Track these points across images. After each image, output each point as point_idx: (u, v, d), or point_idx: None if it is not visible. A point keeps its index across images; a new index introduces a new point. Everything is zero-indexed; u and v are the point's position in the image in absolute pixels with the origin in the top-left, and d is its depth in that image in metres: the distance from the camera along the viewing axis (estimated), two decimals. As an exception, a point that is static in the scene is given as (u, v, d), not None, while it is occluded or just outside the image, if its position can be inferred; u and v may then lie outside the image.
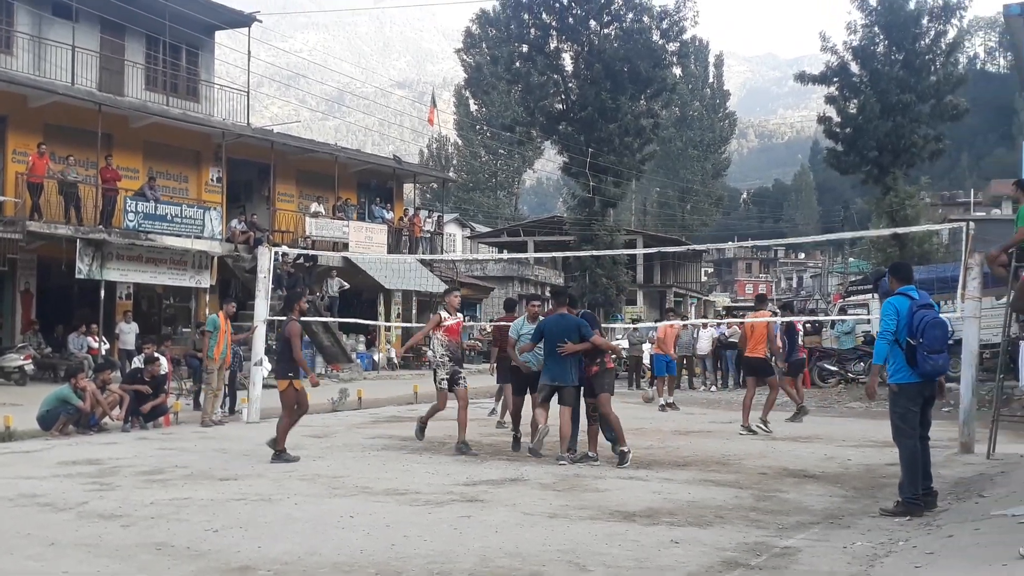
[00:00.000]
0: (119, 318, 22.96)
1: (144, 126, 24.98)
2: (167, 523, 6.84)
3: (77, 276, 21.53)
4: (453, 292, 11.94)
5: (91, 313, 21.93)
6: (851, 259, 74.55)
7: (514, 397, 11.43)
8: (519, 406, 11.29)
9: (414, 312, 30.94)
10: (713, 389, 23.28)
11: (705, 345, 23.80)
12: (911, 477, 7.33)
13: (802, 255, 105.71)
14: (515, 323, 11.54)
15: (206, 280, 24.78)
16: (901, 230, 29.68)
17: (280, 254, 22.37)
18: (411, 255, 30.52)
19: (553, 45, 44.47)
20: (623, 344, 26.25)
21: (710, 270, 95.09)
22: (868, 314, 26.40)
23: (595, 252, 34.05)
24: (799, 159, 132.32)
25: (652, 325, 23.93)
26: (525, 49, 44.52)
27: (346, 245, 28.16)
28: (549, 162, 67.35)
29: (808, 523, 7.06)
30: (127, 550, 6.03)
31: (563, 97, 45.15)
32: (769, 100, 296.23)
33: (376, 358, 28.81)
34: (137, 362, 15.66)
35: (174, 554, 5.93)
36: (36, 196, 21.45)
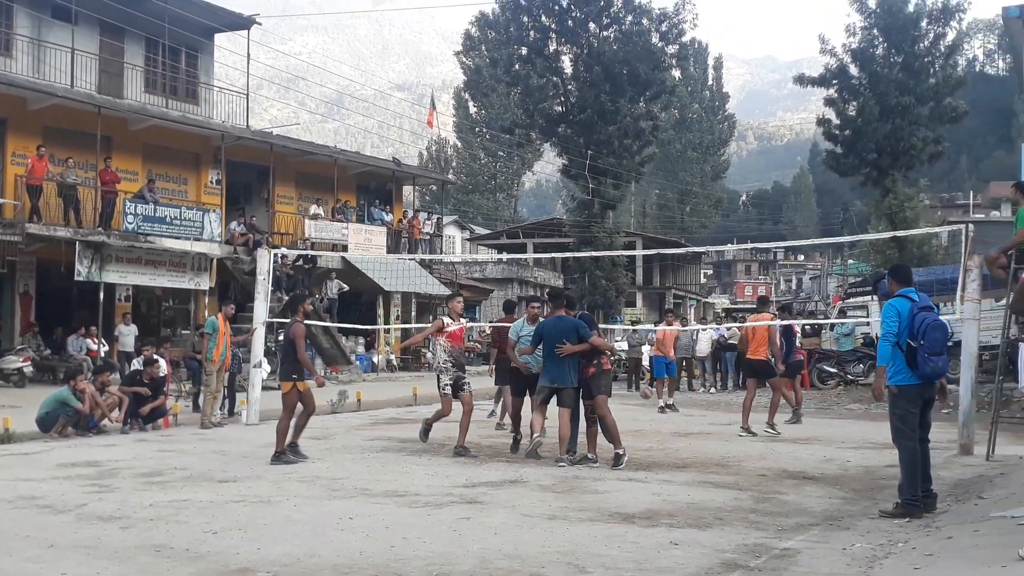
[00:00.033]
0: (118, 320, 22.95)
1: (143, 128, 24.99)
2: (166, 525, 6.83)
3: (76, 278, 21.52)
4: (456, 298, 11.91)
5: (90, 315, 21.91)
6: (850, 261, 74.60)
7: (513, 398, 11.43)
8: (519, 407, 11.28)
9: (413, 314, 30.94)
10: (712, 391, 23.28)
11: (704, 347, 23.79)
12: (910, 479, 7.33)
13: (801, 257, 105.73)
14: (515, 325, 11.55)
15: (205, 282, 24.77)
16: (900, 232, 29.69)
17: (279, 256, 22.39)
18: (410, 254, 30.53)
19: (552, 47, 44.48)
20: (622, 346, 26.26)
21: (709, 272, 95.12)
22: (868, 316, 26.42)
23: (594, 253, 34.08)
24: (798, 161, 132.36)
25: (651, 328, 23.93)
26: (524, 51, 44.53)
27: (345, 247, 28.16)
28: (548, 164, 67.39)
29: (807, 525, 7.06)
30: (126, 552, 6.03)
31: (562, 99, 45.17)
32: (768, 102, 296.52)
33: (375, 360, 28.80)
34: (136, 364, 15.66)
35: (173, 556, 5.93)
36: (35, 198, 21.44)
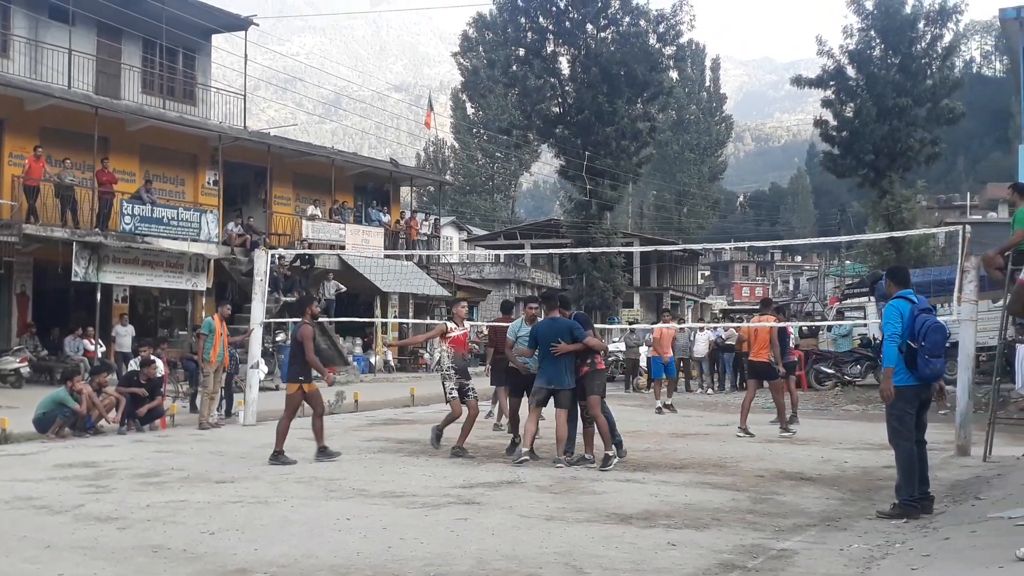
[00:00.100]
0: (115, 321, 22.92)
1: (140, 129, 24.97)
2: (163, 526, 6.83)
3: (73, 279, 21.51)
4: (460, 303, 11.91)
5: (87, 316, 21.90)
6: (847, 262, 74.66)
7: (511, 399, 11.44)
8: (516, 408, 11.28)
9: (411, 315, 30.95)
10: (710, 392, 23.29)
11: (702, 348, 23.79)
12: (907, 479, 7.34)
13: (798, 258, 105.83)
14: (513, 325, 11.56)
15: (202, 283, 24.75)
16: (898, 233, 29.77)
17: (276, 257, 22.37)
18: (407, 252, 30.54)
19: (550, 49, 44.51)
20: (619, 347, 26.27)
21: (707, 273, 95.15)
22: (865, 317, 26.46)
23: (591, 250, 34.04)
24: (795, 162, 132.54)
25: (649, 327, 23.94)
26: (522, 53, 44.54)
27: (343, 248, 28.16)
28: (546, 165, 67.46)
29: (805, 525, 7.06)
30: (123, 552, 6.02)
31: (560, 100, 45.19)
32: (765, 104, 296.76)
33: (372, 361, 28.80)
34: (133, 365, 15.64)
35: (170, 556, 5.92)
36: (32, 199, 21.42)
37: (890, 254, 39.19)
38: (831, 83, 40.03)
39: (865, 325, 25.47)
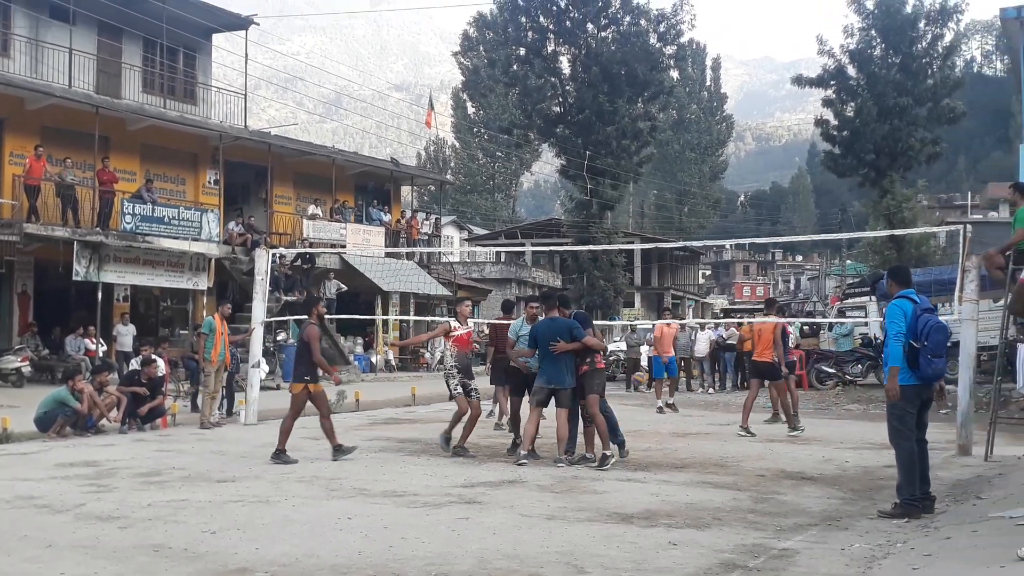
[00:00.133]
0: (116, 320, 22.94)
1: (141, 128, 24.97)
2: (165, 525, 6.83)
3: (74, 278, 21.51)
4: (464, 302, 11.89)
5: (88, 315, 21.90)
6: (848, 261, 74.66)
7: (512, 398, 11.42)
8: (517, 407, 11.27)
9: (411, 314, 30.94)
10: (711, 391, 23.28)
11: (703, 347, 23.79)
12: (908, 478, 7.34)
13: (799, 257, 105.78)
14: (514, 324, 11.56)
15: (203, 282, 24.76)
16: (899, 231, 29.76)
17: (277, 256, 22.37)
18: (408, 250, 30.52)
19: (550, 48, 44.53)
20: (620, 346, 26.25)
21: (708, 272, 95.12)
22: (866, 316, 26.46)
23: (592, 248, 34.07)
24: (796, 162, 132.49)
25: (650, 324, 23.93)
26: (522, 52, 44.56)
27: (343, 247, 28.16)
28: (547, 165, 67.44)
29: (806, 525, 7.05)
30: (125, 552, 6.02)
31: (560, 100, 45.19)
32: (766, 103, 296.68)
33: (374, 360, 28.80)
34: (134, 364, 15.64)
35: (172, 556, 5.92)
36: (33, 198, 21.42)
37: (891, 253, 39.20)
38: (832, 83, 40.02)
39: (866, 324, 25.47)
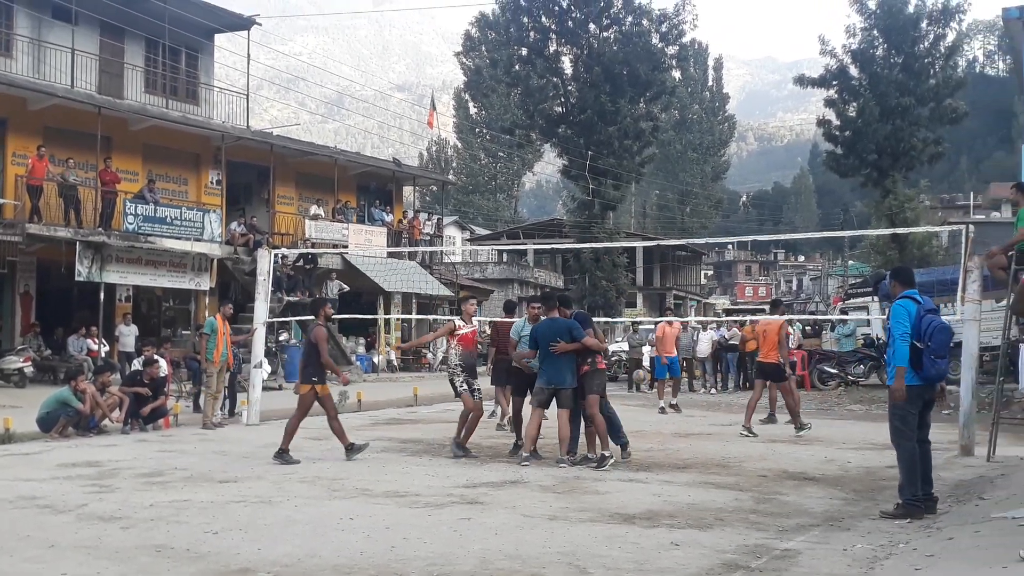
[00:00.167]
0: (119, 320, 22.95)
1: (143, 129, 24.98)
2: (167, 525, 6.83)
3: (77, 278, 21.52)
4: (469, 300, 11.83)
5: (91, 315, 21.91)
6: (851, 262, 74.59)
7: (514, 398, 11.41)
8: (519, 407, 11.26)
9: (413, 314, 30.96)
10: (713, 392, 23.27)
11: (705, 348, 23.78)
12: (910, 478, 7.33)
13: (801, 258, 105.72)
14: (516, 325, 11.55)
15: (206, 282, 24.77)
16: (901, 230, 29.73)
17: (280, 256, 22.38)
18: (410, 249, 30.56)
19: (552, 48, 44.51)
20: (623, 346, 26.24)
21: (710, 273, 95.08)
22: (868, 315, 26.44)
23: (594, 245, 34.02)
24: (798, 162, 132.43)
25: (653, 320, 23.88)
26: (524, 52, 44.55)
27: (346, 248, 28.18)
28: (549, 165, 67.45)
29: (808, 525, 7.05)
30: (127, 552, 6.02)
31: (562, 100, 45.19)
32: (768, 103, 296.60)
33: (376, 360, 28.81)
34: (137, 364, 15.65)
35: (174, 556, 5.92)
36: (36, 198, 21.44)
37: (893, 254, 39.17)
38: (834, 83, 39.99)
39: (868, 323, 25.45)
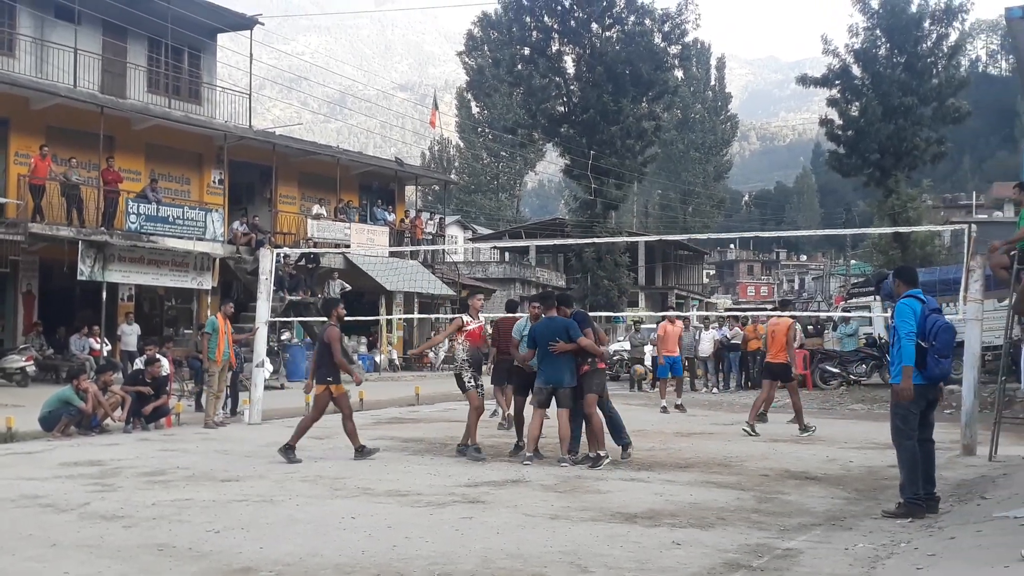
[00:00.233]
0: (121, 320, 22.98)
1: (146, 128, 25.02)
2: (169, 524, 6.84)
3: (79, 278, 21.56)
4: (476, 295, 11.70)
5: (93, 315, 21.95)
6: (853, 261, 74.56)
7: (516, 397, 11.39)
8: (521, 406, 11.24)
9: (415, 313, 30.97)
10: (715, 391, 23.26)
11: (707, 347, 23.77)
12: (911, 477, 7.33)
13: (803, 257, 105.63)
14: (518, 324, 11.53)
15: (208, 282, 24.80)
16: (904, 229, 29.70)
17: (282, 256, 22.39)
18: (412, 248, 30.57)
19: (555, 48, 44.47)
20: (624, 345, 26.23)
21: (712, 272, 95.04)
22: (870, 313, 26.43)
23: (595, 240, 33.96)
24: (801, 161, 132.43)
25: (656, 317, 23.88)
26: (527, 52, 44.51)
27: (348, 247, 28.20)
28: (551, 164, 67.39)
29: (810, 525, 7.05)
30: (129, 551, 6.03)
31: (565, 100, 45.15)
32: (771, 103, 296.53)
33: (378, 360, 28.82)
34: (139, 363, 15.66)
35: (176, 555, 5.93)
36: (38, 198, 21.48)
37: (896, 253, 39.15)
38: (836, 82, 39.96)
39: (870, 323, 25.43)
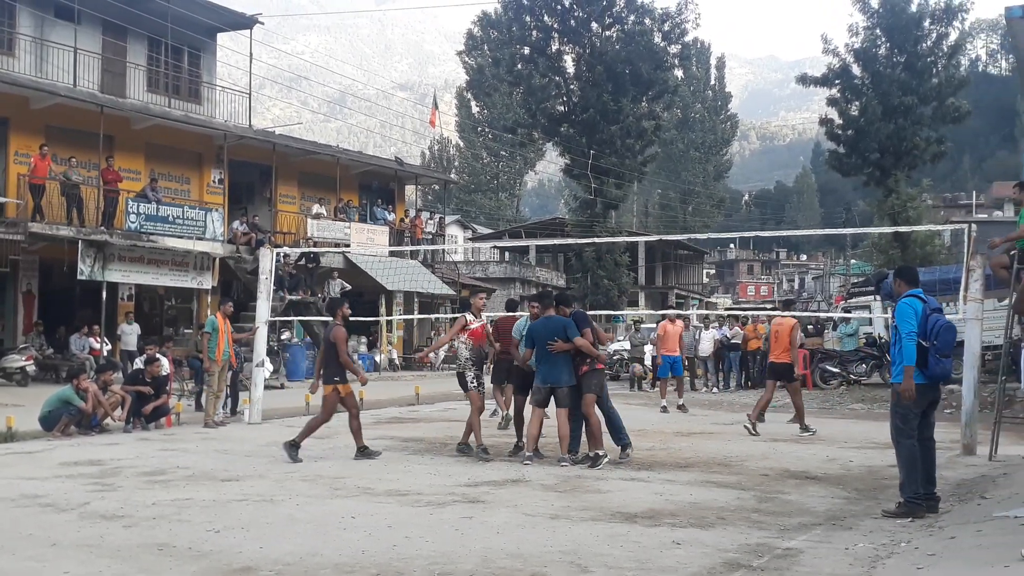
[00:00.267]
0: (121, 319, 22.99)
1: (146, 128, 25.01)
2: (169, 524, 6.83)
3: (79, 277, 21.56)
4: (479, 294, 11.61)
5: (93, 314, 21.96)
6: (853, 261, 74.55)
7: (516, 396, 11.37)
8: (521, 406, 11.23)
9: (415, 313, 30.98)
10: (715, 391, 23.25)
11: (707, 346, 23.76)
12: (910, 476, 7.33)
13: (803, 257, 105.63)
14: (518, 324, 11.51)
15: (208, 281, 24.80)
16: (904, 229, 29.69)
17: (282, 255, 22.39)
18: (411, 248, 30.58)
19: (555, 47, 44.47)
20: (624, 345, 26.22)
21: (712, 272, 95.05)
22: (870, 313, 26.44)
23: (595, 240, 33.97)
24: (801, 161, 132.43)
25: (657, 315, 23.90)
26: (527, 51, 44.51)
27: (348, 246, 28.20)
28: (551, 164, 67.42)
29: (810, 524, 7.05)
30: (129, 551, 6.03)
31: (565, 99, 45.15)
32: (771, 102, 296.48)
33: (378, 359, 28.82)
34: (139, 363, 15.66)
35: (176, 555, 5.93)
36: (38, 197, 21.48)
37: (896, 253, 39.14)
38: (836, 82, 39.95)
39: (870, 322, 25.44)
